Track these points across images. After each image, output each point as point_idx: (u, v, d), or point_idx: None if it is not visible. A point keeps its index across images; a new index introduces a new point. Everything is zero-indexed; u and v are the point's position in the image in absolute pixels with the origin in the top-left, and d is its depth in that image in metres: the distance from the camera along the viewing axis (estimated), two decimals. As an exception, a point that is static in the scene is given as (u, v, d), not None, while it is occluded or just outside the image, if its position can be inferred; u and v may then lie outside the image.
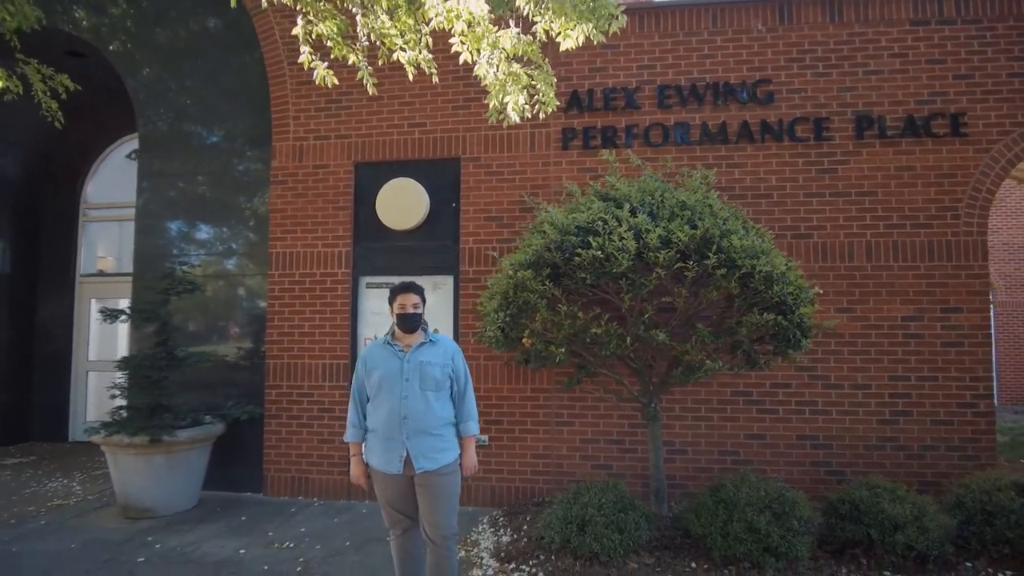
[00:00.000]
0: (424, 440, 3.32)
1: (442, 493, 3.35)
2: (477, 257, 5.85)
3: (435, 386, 3.36)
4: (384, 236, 6.10)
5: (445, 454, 3.36)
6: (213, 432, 5.61)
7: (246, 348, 6.30)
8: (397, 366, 3.39)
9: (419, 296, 3.45)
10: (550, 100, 3.78)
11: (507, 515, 5.31)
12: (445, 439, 3.39)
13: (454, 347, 3.54)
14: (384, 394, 3.38)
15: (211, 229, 6.46)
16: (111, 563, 4.40)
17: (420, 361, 3.38)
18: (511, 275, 4.15)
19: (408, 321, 3.42)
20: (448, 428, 3.42)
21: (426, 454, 3.31)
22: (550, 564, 4.23)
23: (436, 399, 3.37)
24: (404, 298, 3.41)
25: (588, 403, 5.65)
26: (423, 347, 3.45)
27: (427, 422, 3.33)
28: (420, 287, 3.50)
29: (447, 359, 3.45)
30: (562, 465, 5.66)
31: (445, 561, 3.38)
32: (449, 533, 3.37)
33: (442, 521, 3.35)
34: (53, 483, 6.49)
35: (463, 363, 3.55)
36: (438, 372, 3.39)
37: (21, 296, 8.51)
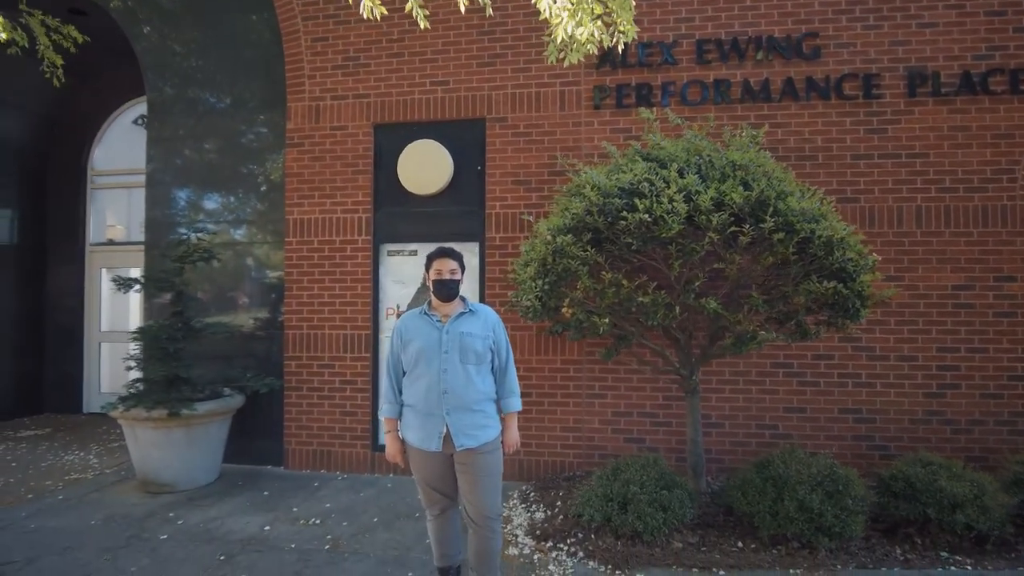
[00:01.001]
0: (465, 416, 3.13)
1: (484, 472, 3.16)
2: (504, 223, 5.58)
3: (476, 359, 3.16)
4: (406, 201, 5.83)
5: (487, 431, 3.17)
6: (232, 405, 5.43)
7: (263, 318, 6.09)
8: (436, 338, 3.18)
9: (457, 262, 3.23)
10: (629, 29, 3.38)
11: (538, 490, 5.13)
12: (487, 415, 3.20)
13: (495, 317, 3.33)
14: (422, 367, 3.17)
15: (224, 196, 6.20)
16: (134, 540, 4.24)
17: (460, 332, 3.17)
18: (550, 241, 3.88)
19: (445, 288, 3.19)
20: (489, 403, 3.23)
21: (467, 431, 3.12)
22: (589, 543, 4.05)
23: (477, 373, 3.17)
24: (441, 263, 3.20)
25: (621, 375, 5.43)
26: (463, 317, 3.23)
27: (468, 397, 3.13)
28: (458, 253, 3.27)
29: (488, 330, 3.24)
30: (593, 439, 5.46)
31: (489, 544, 3.20)
32: (493, 514, 3.19)
33: (485, 501, 3.16)
34: (70, 456, 6.35)
35: (504, 334, 3.34)
36: (479, 344, 3.18)
37: (30, 266, 8.31)
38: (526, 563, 3.90)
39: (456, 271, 3.21)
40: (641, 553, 3.90)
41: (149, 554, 4.03)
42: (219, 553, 4.05)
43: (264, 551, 4.08)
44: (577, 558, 3.93)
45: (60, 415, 8.33)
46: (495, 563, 3.24)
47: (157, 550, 4.09)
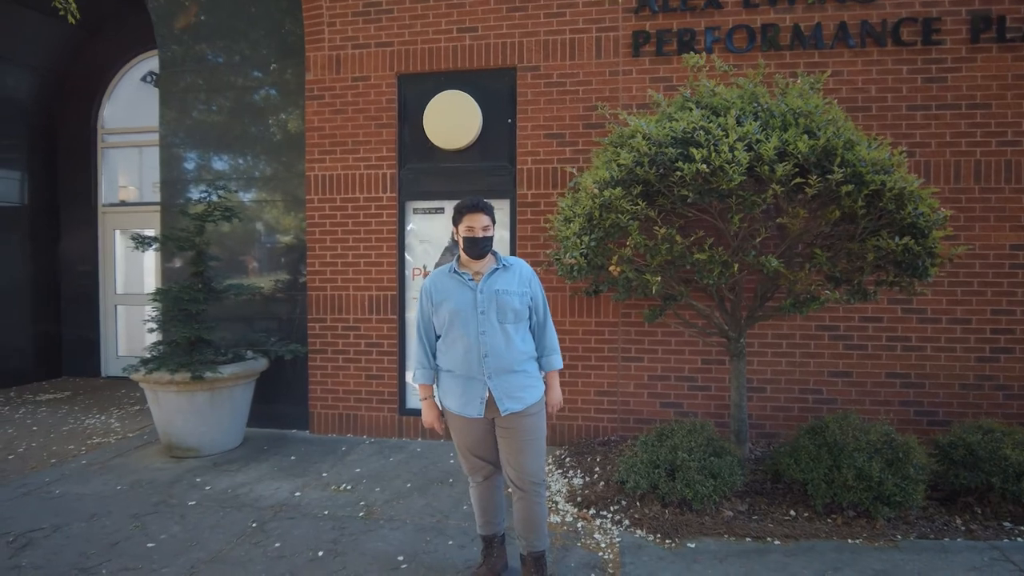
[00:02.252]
0: (508, 379, 2.93)
1: (529, 435, 2.97)
2: (536, 179, 5.31)
3: (514, 317, 2.94)
4: (432, 156, 5.56)
5: (531, 392, 2.98)
6: (256, 368, 5.26)
7: (285, 280, 5.88)
8: (470, 298, 2.94)
9: (489, 216, 2.96)
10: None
11: (573, 455, 4.98)
12: (529, 375, 3.00)
13: (530, 271, 3.09)
14: (458, 330, 2.95)
15: (242, 152, 5.94)
16: (161, 507, 4.11)
17: (496, 290, 2.94)
18: (596, 195, 3.63)
19: (477, 247, 2.94)
20: (531, 363, 3.03)
21: (511, 394, 2.93)
22: (635, 511, 3.89)
23: (516, 332, 2.96)
24: (472, 219, 2.92)
25: (658, 338, 5.22)
26: (496, 274, 2.99)
27: (510, 359, 2.93)
28: (490, 206, 2.98)
29: (524, 285, 3.01)
30: (628, 403, 5.28)
31: (535, 508, 3.03)
32: (538, 479, 3.01)
33: (530, 466, 2.98)
34: (91, 420, 6.23)
35: (541, 289, 3.12)
36: (516, 301, 2.95)
37: (42, 228, 8.11)
38: (570, 531, 3.75)
39: (489, 227, 2.95)
40: (691, 522, 3.73)
41: (178, 521, 3.90)
42: (250, 520, 3.91)
43: (297, 518, 3.94)
44: (623, 526, 3.77)
45: (78, 378, 8.22)
46: (543, 529, 3.07)
47: (186, 517, 3.96)
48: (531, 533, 3.05)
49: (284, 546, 3.56)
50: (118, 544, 3.59)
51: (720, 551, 3.47)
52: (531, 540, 3.06)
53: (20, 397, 7.18)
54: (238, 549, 3.53)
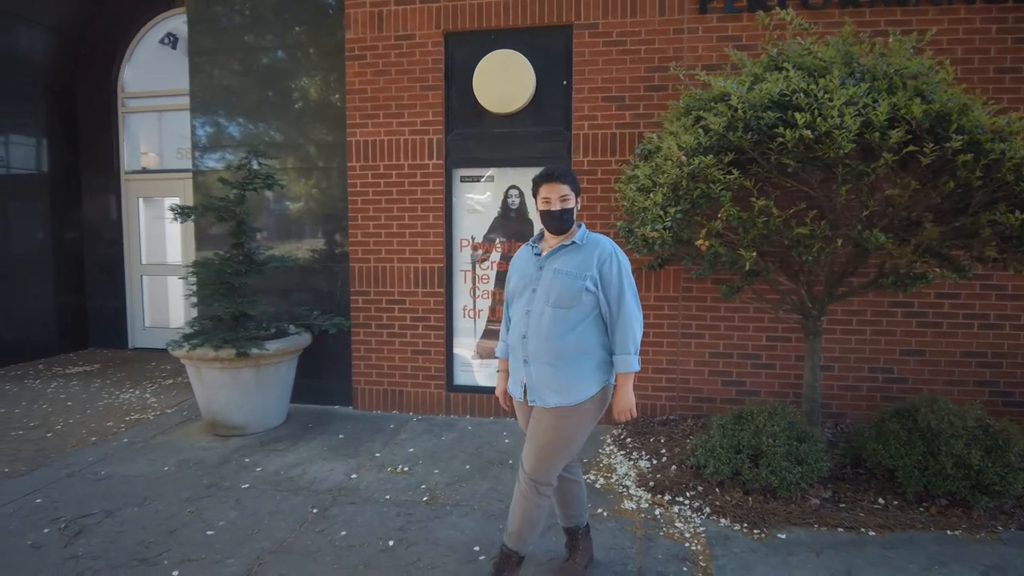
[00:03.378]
0: (543, 371, 2.65)
1: (551, 434, 2.65)
2: (593, 145, 5.01)
3: (564, 302, 2.62)
4: (481, 121, 5.25)
5: (568, 393, 2.62)
6: (300, 343, 5.05)
7: (325, 251, 5.63)
8: (530, 274, 2.77)
9: (569, 186, 2.70)
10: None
11: (633, 435, 4.78)
12: (574, 374, 2.62)
13: (607, 253, 2.68)
14: (516, 306, 2.81)
15: (277, 116, 5.63)
16: (214, 490, 3.94)
17: (553, 269, 2.69)
18: (684, 162, 3.35)
19: (555, 222, 2.70)
20: (582, 359, 2.64)
21: (541, 388, 2.66)
22: (714, 497, 3.70)
23: (565, 319, 2.62)
24: (548, 189, 2.68)
25: (720, 313, 4.98)
26: (562, 251, 2.73)
27: (549, 347, 2.63)
28: (571, 174, 2.73)
29: (588, 267, 2.64)
30: (688, 381, 5.07)
31: (526, 507, 2.71)
32: (538, 478, 2.68)
33: (536, 461, 2.68)
34: (125, 394, 6.06)
35: (619, 273, 2.66)
36: (570, 285, 2.62)
37: (64, 196, 7.84)
38: (648, 519, 3.56)
39: (568, 197, 2.68)
40: (777, 510, 3.54)
41: (234, 505, 3.72)
42: (310, 505, 3.74)
43: (358, 503, 3.76)
44: (703, 514, 3.58)
45: (106, 350, 8.05)
46: (530, 535, 2.76)
47: (242, 501, 3.78)
48: (520, 531, 2.76)
49: (351, 535, 3.38)
50: (175, 532, 3.41)
51: (814, 543, 3.28)
52: (516, 539, 2.79)
53: (49, 370, 7.01)
54: (303, 538, 3.35)
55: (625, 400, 2.72)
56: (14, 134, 7.30)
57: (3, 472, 4.21)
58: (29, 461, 4.39)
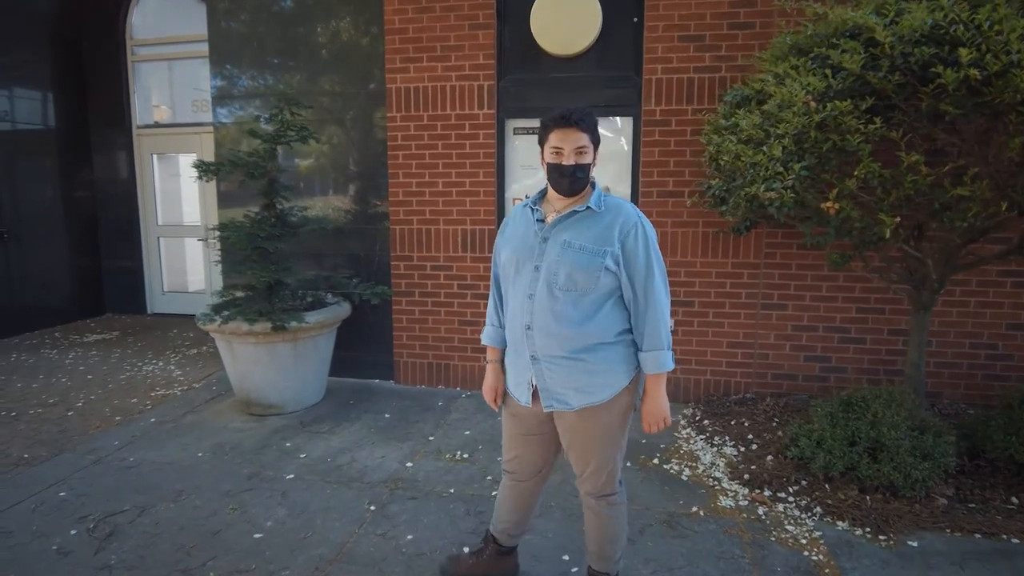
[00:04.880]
0: (559, 367, 2.13)
1: (589, 435, 2.20)
2: (667, 91, 4.43)
3: (578, 284, 2.06)
4: (539, 65, 4.67)
5: (592, 392, 2.12)
6: (340, 314, 4.59)
7: (361, 212, 5.12)
8: (530, 245, 2.15)
9: (588, 135, 2.05)
10: None
11: (709, 416, 4.34)
12: (595, 369, 2.11)
13: (631, 222, 2.08)
14: (512, 285, 2.21)
15: (308, 61, 5.05)
16: (256, 481, 3.53)
17: (562, 242, 2.09)
18: (815, 109, 2.79)
19: (564, 179, 2.07)
20: (603, 351, 2.11)
21: (560, 389, 2.15)
22: (823, 494, 3.25)
23: (580, 306, 2.08)
24: (561, 136, 2.03)
25: (807, 282, 4.47)
26: (573, 218, 2.12)
27: (563, 340, 2.09)
28: (590, 119, 2.06)
29: (609, 242, 2.05)
30: (767, 356, 4.59)
31: (609, 523, 2.33)
32: (611, 488, 2.29)
33: (592, 468, 2.25)
34: (148, 366, 5.65)
35: (646, 249, 2.07)
36: (587, 263, 2.05)
37: (73, 153, 7.31)
38: (752, 519, 3.12)
39: (586, 150, 2.04)
40: (901, 512, 3.09)
41: (280, 501, 3.31)
42: (365, 500, 3.32)
43: (419, 498, 3.34)
44: (814, 515, 3.14)
45: (123, 316, 7.63)
46: (614, 550, 2.38)
47: (288, 495, 3.36)
48: (602, 550, 2.39)
49: (419, 539, 2.96)
50: (219, 534, 3.01)
51: (952, 552, 2.84)
52: (599, 560, 2.41)
53: (66, 338, 6.61)
54: (363, 542, 2.94)
55: (658, 407, 2.18)
56: (18, 87, 6.74)
57: (23, 459, 3.81)
58: (50, 445, 3.99)
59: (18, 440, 4.08)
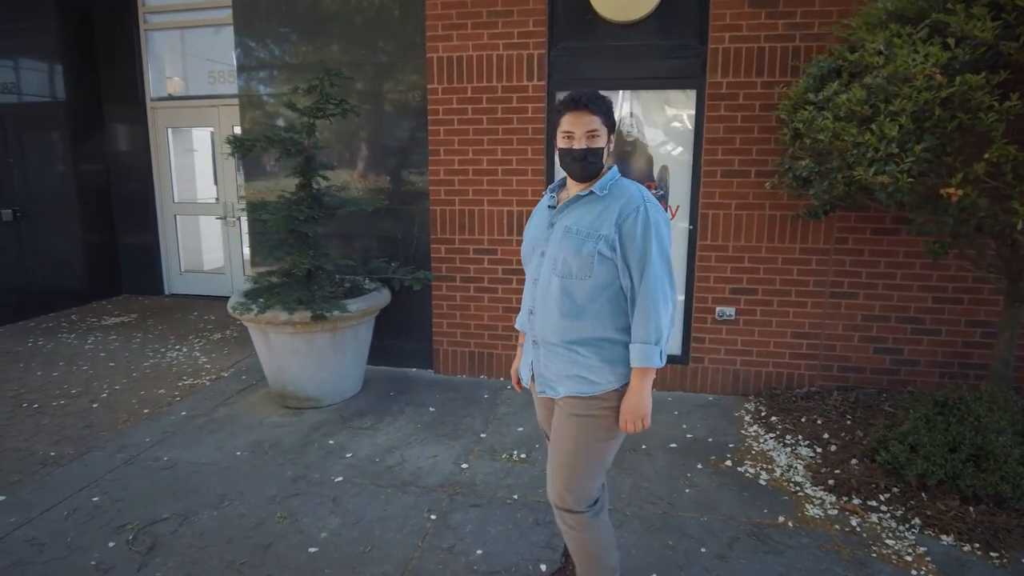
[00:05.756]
0: (553, 355, 2.08)
1: (565, 437, 2.08)
2: (735, 62, 4.09)
3: (572, 270, 1.97)
4: (594, 32, 4.32)
5: (582, 381, 2.03)
6: (381, 302, 4.31)
7: (398, 191, 4.81)
8: (541, 231, 2.12)
9: (600, 118, 1.95)
10: None
11: (776, 411, 4.08)
12: (584, 363, 2.02)
13: (633, 205, 1.95)
14: (527, 271, 2.20)
15: (341, 24, 4.70)
16: (302, 484, 3.28)
17: (564, 227, 2.02)
18: (942, 83, 2.47)
19: (575, 164, 1.97)
20: (597, 345, 2.01)
21: (548, 375, 2.11)
22: (921, 504, 2.99)
23: (574, 294, 1.99)
24: (572, 120, 1.95)
25: (880, 269, 4.17)
26: (577, 203, 2.03)
27: (555, 327, 2.04)
28: (604, 102, 1.97)
29: (607, 227, 1.95)
30: (834, 347, 4.32)
31: (578, 540, 2.18)
32: (569, 502, 2.11)
33: (558, 478, 2.12)
34: (172, 352, 5.40)
35: (644, 231, 1.92)
36: (579, 247, 1.96)
37: (85, 126, 6.97)
38: (846, 532, 2.87)
39: (597, 133, 1.94)
40: (1010, 525, 2.83)
41: (332, 508, 3.06)
42: (424, 508, 3.07)
43: (482, 505, 3.10)
44: (913, 527, 2.88)
45: (141, 297, 7.37)
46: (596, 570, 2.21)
47: (340, 502, 3.12)
48: (580, 569, 2.24)
49: (489, 555, 2.72)
50: (270, 547, 2.76)
51: (1077, 573, 2.59)
52: None
53: (84, 321, 6.35)
54: (429, 558, 2.70)
55: (639, 404, 1.99)
56: (24, 57, 6.39)
57: (49, 457, 3.57)
58: (77, 442, 3.75)
59: (43, 436, 3.84)
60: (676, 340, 4.53)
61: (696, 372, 4.49)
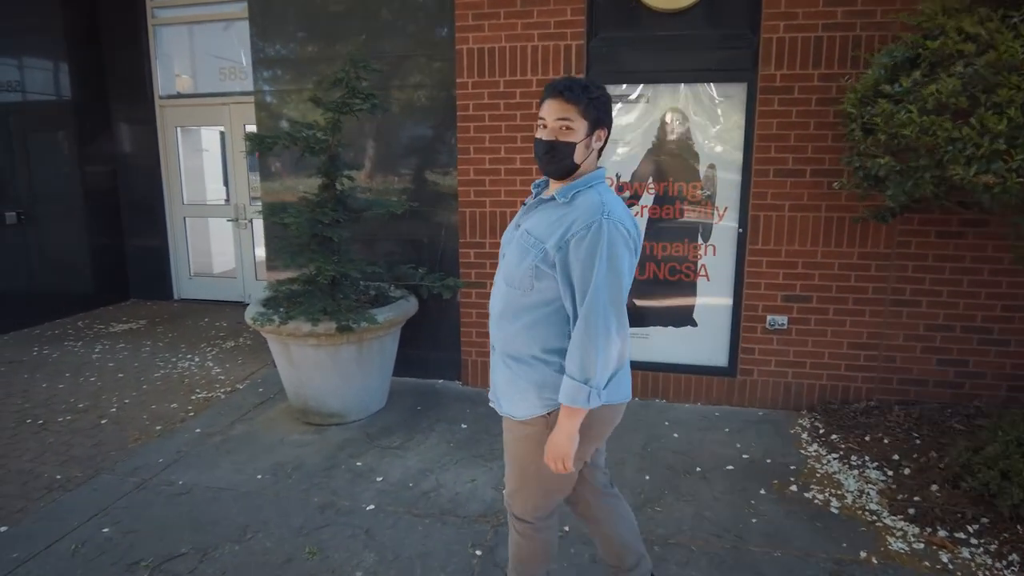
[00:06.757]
0: (498, 363, 1.93)
1: (508, 453, 2.00)
2: (791, 53, 3.80)
3: (515, 280, 1.82)
4: (637, 21, 4.04)
5: (510, 403, 1.88)
6: (408, 311, 4.04)
7: (422, 192, 4.54)
8: (510, 231, 1.95)
9: (578, 108, 1.74)
10: None
11: (836, 429, 3.79)
12: (515, 381, 1.85)
13: (587, 221, 1.69)
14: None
15: (363, 14, 4.43)
16: (331, 513, 3.00)
17: (524, 231, 1.84)
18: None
19: (542, 157, 1.80)
20: (526, 365, 1.82)
21: (497, 384, 1.95)
22: (1016, 537, 2.71)
23: (514, 305, 1.83)
24: (546, 107, 1.79)
25: (945, 276, 3.88)
26: (540, 207, 1.86)
27: (496, 334, 1.92)
28: (588, 92, 1.75)
29: (552, 240, 1.73)
30: (894, 358, 4.02)
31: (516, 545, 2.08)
32: (517, 509, 2.02)
33: (510, 485, 2.03)
34: (183, 362, 5.13)
35: (589, 254, 1.67)
36: (521, 258, 1.80)
37: (91, 125, 6.69)
38: (938, 569, 2.58)
39: (571, 126, 1.74)
40: (1125, 564, 2.55)
41: (366, 542, 2.79)
42: (468, 541, 2.79)
43: (530, 538, 2.81)
44: (1012, 564, 2.60)
45: (149, 303, 7.09)
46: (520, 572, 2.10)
47: (374, 535, 2.84)
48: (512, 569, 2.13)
49: (545, 598, 2.44)
50: (302, 588, 2.49)
51: None
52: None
53: (91, 328, 6.08)
54: (479, 602, 2.42)
55: (560, 444, 1.75)
56: (29, 55, 6.13)
57: (55, 481, 3.30)
58: (85, 463, 3.48)
59: (49, 456, 3.57)
60: (722, 351, 4.25)
61: (744, 385, 4.20)
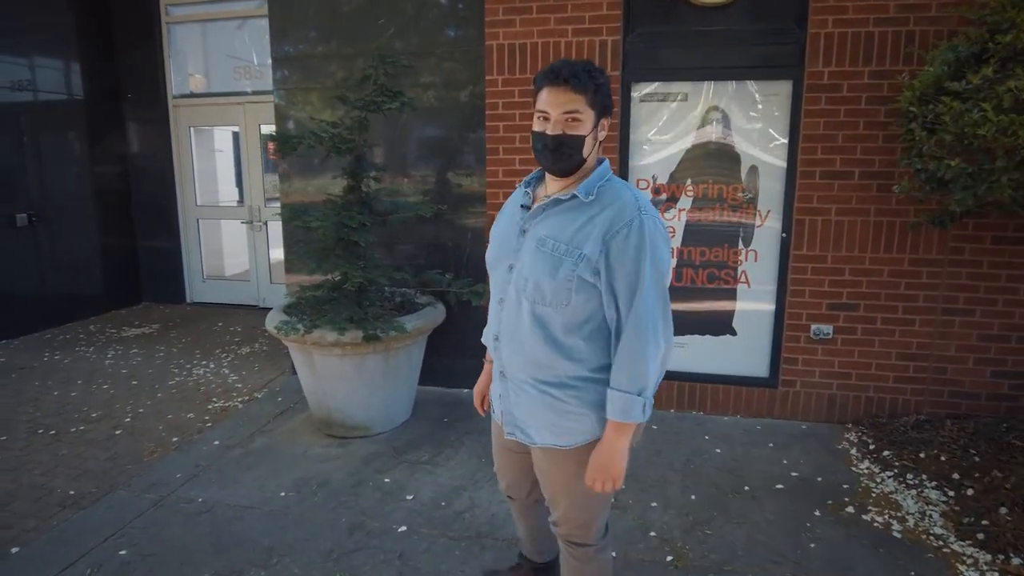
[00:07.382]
0: (522, 394, 1.72)
1: (562, 489, 1.79)
2: (840, 49, 3.61)
3: (546, 296, 1.59)
4: (675, 15, 3.85)
5: (556, 434, 1.69)
6: (436, 319, 3.87)
7: (450, 194, 4.37)
8: (510, 237, 1.71)
9: (585, 97, 1.53)
10: None
11: (887, 445, 3.59)
12: (563, 408, 1.66)
13: (626, 217, 1.53)
14: (491, 283, 1.81)
15: (388, 9, 4.26)
16: (360, 535, 2.83)
17: (537, 239, 1.62)
18: None
19: (546, 153, 1.58)
20: (576, 389, 1.64)
21: (522, 417, 1.74)
22: (1101, 569, 2.52)
23: (546, 322, 1.61)
24: (548, 97, 1.55)
25: (1000, 283, 3.69)
26: (555, 208, 1.63)
27: (524, 362, 1.68)
28: (590, 77, 1.54)
29: (591, 244, 1.54)
30: (945, 370, 3.83)
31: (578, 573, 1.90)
32: (582, 539, 1.85)
33: (572, 514, 1.82)
34: (198, 369, 4.97)
35: (638, 252, 1.52)
36: (550, 268, 1.57)
37: (103, 126, 6.56)
38: (1018, 605, 2.39)
39: (579, 117, 1.53)
40: None
41: (400, 568, 2.61)
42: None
43: (575, 565, 2.63)
44: (1100, 599, 2.41)
45: (162, 306, 6.95)
46: None
47: (408, 559, 2.66)
48: None
49: (598, 633, 2.25)
50: (335, 622, 2.32)
51: None
52: None
53: (103, 332, 5.93)
54: (526, 637, 2.24)
55: (612, 462, 1.62)
56: (40, 54, 5.99)
57: (68, 497, 3.14)
58: (100, 477, 3.32)
59: (62, 470, 3.41)
60: (763, 361, 4.06)
61: (787, 397, 4.01)
